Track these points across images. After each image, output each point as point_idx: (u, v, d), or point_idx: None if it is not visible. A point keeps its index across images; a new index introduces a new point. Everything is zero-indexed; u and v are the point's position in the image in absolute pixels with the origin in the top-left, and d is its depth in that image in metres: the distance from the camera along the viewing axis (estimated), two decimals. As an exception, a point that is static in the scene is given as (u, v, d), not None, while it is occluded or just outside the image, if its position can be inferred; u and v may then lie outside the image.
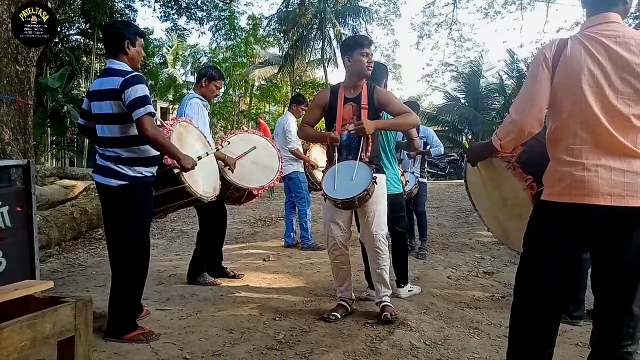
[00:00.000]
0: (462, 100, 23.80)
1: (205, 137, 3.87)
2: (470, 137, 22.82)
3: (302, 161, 5.94)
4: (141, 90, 2.82)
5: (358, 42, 3.38)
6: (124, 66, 2.95)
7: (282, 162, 4.86)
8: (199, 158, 3.37)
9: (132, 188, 2.92)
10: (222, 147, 4.10)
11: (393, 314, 3.24)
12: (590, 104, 1.79)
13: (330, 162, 3.34)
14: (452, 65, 26.13)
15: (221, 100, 22.04)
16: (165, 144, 2.98)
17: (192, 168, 3.17)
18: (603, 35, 1.81)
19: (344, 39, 3.73)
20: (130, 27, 3.05)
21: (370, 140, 3.29)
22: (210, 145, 3.89)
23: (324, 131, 3.54)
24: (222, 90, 4.40)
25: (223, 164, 4.18)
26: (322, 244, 6.01)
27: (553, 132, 1.92)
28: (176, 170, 3.22)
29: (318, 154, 6.11)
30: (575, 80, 1.81)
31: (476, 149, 2.46)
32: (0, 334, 1.39)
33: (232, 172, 4.22)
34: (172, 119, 3.67)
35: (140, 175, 2.95)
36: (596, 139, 1.80)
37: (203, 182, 3.60)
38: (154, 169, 3.06)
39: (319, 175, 5.60)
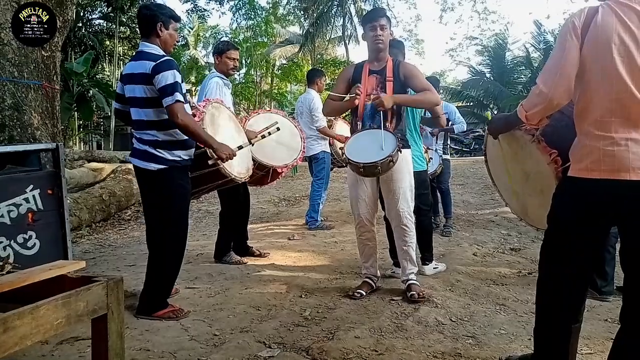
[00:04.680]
0: (487, 75, 23.28)
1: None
2: (495, 112, 22.38)
3: (328, 140, 5.90)
4: (171, 76, 2.80)
5: (366, 17, 3.38)
6: (155, 49, 2.95)
7: (304, 142, 4.87)
8: (240, 147, 3.37)
9: (171, 172, 2.95)
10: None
11: (420, 293, 3.22)
12: (621, 74, 1.71)
13: (354, 131, 3.31)
14: (477, 38, 25.62)
15: (243, 81, 22.06)
16: (198, 132, 2.96)
17: (230, 158, 3.13)
18: (636, 2, 1.72)
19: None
20: (163, 10, 3.03)
21: (393, 112, 3.25)
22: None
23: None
24: (237, 62, 4.34)
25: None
26: (330, 223, 6.03)
27: (581, 105, 1.85)
28: (210, 162, 3.17)
29: (342, 128, 6.06)
30: (605, 50, 1.73)
31: (500, 120, 2.35)
32: (37, 312, 1.44)
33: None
34: (204, 100, 3.68)
35: (179, 158, 2.98)
36: (627, 112, 1.73)
37: (237, 163, 3.61)
38: (191, 152, 3.09)
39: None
